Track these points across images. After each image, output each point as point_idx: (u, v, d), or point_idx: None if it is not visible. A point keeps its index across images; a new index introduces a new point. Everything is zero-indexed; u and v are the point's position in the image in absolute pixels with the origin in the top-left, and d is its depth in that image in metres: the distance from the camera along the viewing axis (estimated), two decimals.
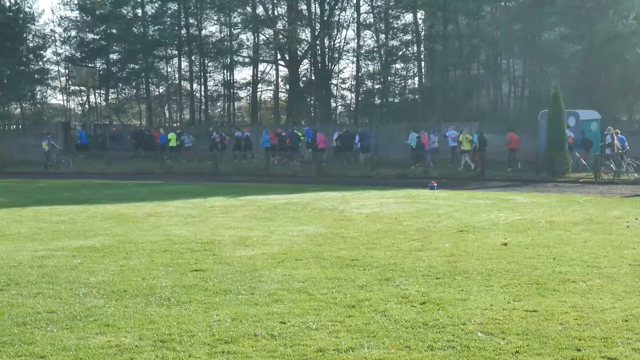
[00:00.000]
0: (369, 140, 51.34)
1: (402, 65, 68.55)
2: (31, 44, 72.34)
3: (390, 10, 66.41)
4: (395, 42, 67.01)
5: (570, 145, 41.65)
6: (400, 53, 66.97)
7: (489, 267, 12.88)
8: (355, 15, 67.89)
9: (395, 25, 66.72)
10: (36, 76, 72.30)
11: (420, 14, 67.03)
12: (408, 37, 66.90)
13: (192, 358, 8.18)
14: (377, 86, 68.57)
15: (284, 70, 71.81)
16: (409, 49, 67.24)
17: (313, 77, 70.41)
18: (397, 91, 68.78)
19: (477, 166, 44.13)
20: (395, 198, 27.36)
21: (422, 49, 67.07)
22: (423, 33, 67.36)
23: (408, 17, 66.97)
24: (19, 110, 75.78)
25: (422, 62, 67.81)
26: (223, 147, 58.20)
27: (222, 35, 72.66)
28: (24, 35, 70.87)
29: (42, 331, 9.17)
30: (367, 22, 68.72)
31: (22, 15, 69.42)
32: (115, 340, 8.76)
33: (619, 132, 37.97)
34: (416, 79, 69.27)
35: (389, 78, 67.62)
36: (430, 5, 62.64)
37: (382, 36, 67.46)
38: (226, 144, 58.64)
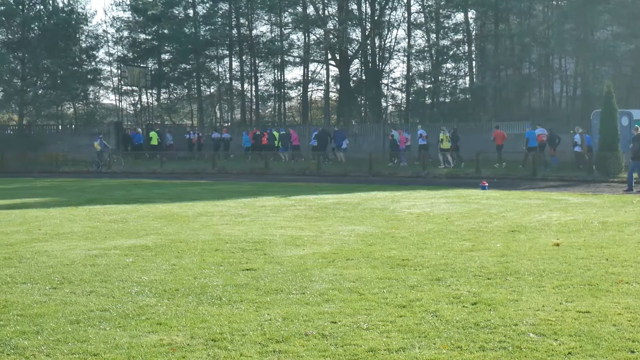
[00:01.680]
0: (343, 139, 52.78)
1: (453, 64, 68.28)
2: (84, 45, 73.04)
3: (441, 10, 66.19)
4: (446, 42, 66.78)
5: (543, 144, 44.21)
6: (451, 52, 66.72)
7: (541, 268, 12.78)
8: (406, 15, 67.80)
9: (446, 25, 66.48)
10: (89, 76, 72.94)
11: (471, 13, 66.77)
12: (459, 36, 66.66)
13: (243, 357, 8.19)
14: (427, 86, 68.37)
15: (334, 70, 71.94)
16: (460, 48, 66.99)
17: (363, 77, 70.37)
18: (447, 91, 68.51)
19: (455, 163, 46.85)
20: (446, 198, 27.25)
21: (473, 48, 66.76)
22: (474, 32, 67.05)
23: (459, 17, 66.76)
24: (72, 110, 76.55)
25: (473, 62, 67.52)
26: (199, 147, 59.68)
27: (273, 35, 72.87)
28: (77, 36, 71.53)
29: (95, 329, 9.24)
30: (418, 21, 68.59)
31: (75, 16, 70.03)
32: (167, 339, 8.79)
33: None
34: (467, 78, 69.04)
35: (439, 78, 67.40)
36: (481, 4, 62.28)
37: (433, 35, 67.24)
38: (202, 143, 60.42)
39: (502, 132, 48.33)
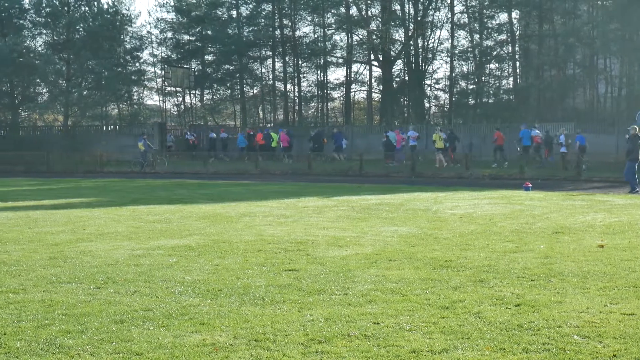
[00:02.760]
0: (342, 140, 55.14)
1: (497, 65, 68.09)
2: (128, 46, 73.54)
3: (484, 10, 66.00)
4: (489, 42, 66.59)
5: (539, 145, 46.48)
6: (494, 53, 66.51)
7: (585, 270, 12.69)
8: (449, 15, 67.59)
9: (490, 25, 66.29)
10: (133, 77, 73.41)
11: (515, 14, 66.43)
12: (503, 36, 66.42)
13: (285, 357, 8.20)
14: (471, 86, 68.19)
15: (377, 71, 71.86)
16: (504, 48, 66.75)
17: (406, 78, 70.28)
18: (491, 91, 68.29)
19: (449, 163, 48.44)
20: (489, 199, 27.13)
21: (517, 48, 66.47)
22: (518, 33, 66.76)
23: (503, 17, 66.55)
24: (116, 111, 77.05)
25: (517, 62, 67.21)
26: (194, 148, 60.46)
27: (316, 36, 72.98)
28: (122, 37, 72.04)
29: (138, 329, 9.29)
30: (462, 22, 68.36)
31: (119, 17, 70.53)
32: (210, 339, 8.83)
33: None
34: (511, 79, 68.79)
35: (482, 78, 67.20)
36: (525, 4, 61.98)
37: (477, 36, 67.07)
38: (197, 143, 61.31)
39: (502, 133, 49.87)
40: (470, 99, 68.55)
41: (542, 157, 46.82)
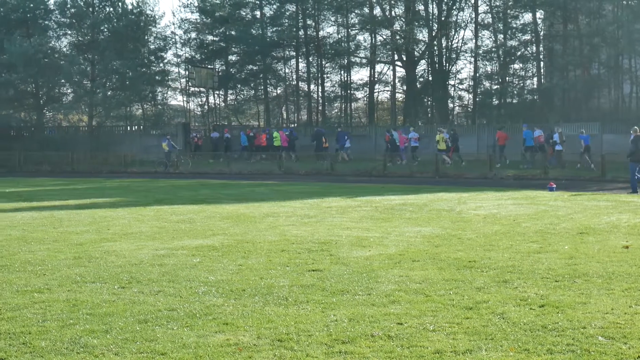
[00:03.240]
0: (345, 139, 56.13)
1: (521, 65, 67.82)
2: (152, 46, 73.68)
3: (509, 10, 65.75)
4: (513, 42, 66.34)
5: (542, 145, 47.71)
6: (518, 53, 66.27)
7: (610, 270, 12.63)
8: (473, 15, 67.40)
9: (514, 25, 66.03)
10: (157, 77, 73.55)
11: (539, 14, 66.12)
12: (527, 36, 66.14)
13: (309, 358, 8.21)
14: (495, 87, 67.96)
15: (401, 71, 71.76)
16: (528, 48, 66.49)
17: (430, 78, 70.13)
18: (515, 92, 68.04)
19: (451, 162, 49.44)
20: (513, 199, 27.05)
21: (541, 48, 66.22)
22: (542, 33, 66.48)
23: (527, 17, 66.27)
24: (140, 111, 77.27)
25: (541, 62, 66.96)
26: (197, 148, 60.96)
27: (340, 36, 72.95)
28: (146, 38, 72.19)
29: (162, 328, 9.32)
30: (485, 22, 68.12)
31: (143, 18, 70.68)
32: (234, 339, 8.84)
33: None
34: (535, 79, 68.51)
35: (507, 78, 66.98)
36: (549, 4, 61.68)
37: (501, 36, 66.84)
38: (200, 144, 61.70)
39: (505, 133, 51.13)
40: (494, 99, 68.31)
41: (546, 157, 47.23)
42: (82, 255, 14.80)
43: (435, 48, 68.25)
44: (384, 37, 71.00)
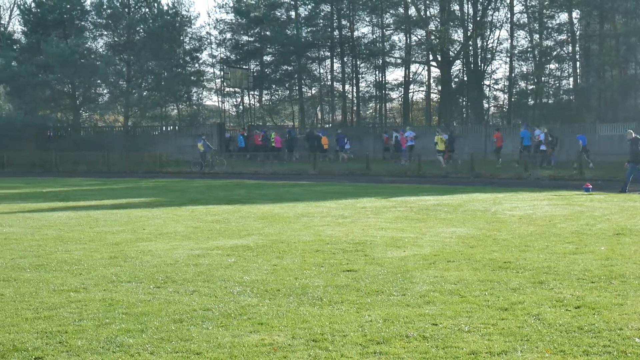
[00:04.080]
0: (344, 141, 58.20)
1: (557, 65, 67.43)
2: (188, 47, 73.88)
3: (544, 10, 65.34)
4: (549, 42, 65.91)
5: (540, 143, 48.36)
6: (554, 53, 65.83)
7: None
8: (509, 15, 67.09)
9: (550, 25, 65.59)
10: (192, 78, 73.75)
11: (575, 13, 65.69)
12: (563, 36, 65.70)
13: (344, 358, 8.21)
14: (530, 87, 67.62)
15: (436, 71, 71.56)
16: (564, 48, 66.07)
17: (465, 78, 69.88)
18: (551, 92, 67.67)
19: (447, 164, 49.42)
20: (549, 200, 26.92)
21: (577, 48, 65.80)
22: (578, 32, 66.05)
23: (563, 17, 65.81)
24: (175, 111, 77.53)
25: (577, 62, 66.53)
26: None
27: (375, 37, 72.87)
28: (181, 38, 72.40)
29: (197, 328, 9.36)
30: (521, 22, 67.78)
31: (179, 18, 70.92)
32: (269, 339, 8.86)
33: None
34: (571, 79, 68.11)
35: (542, 79, 66.63)
36: (586, 4, 61.23)
37: (536, 36, 66.46)
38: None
39: (501, 134, 52.34)
40: (529, 100, 67.98)
41: (546, 156, 48.39)
42: (118, 255, 14.88)
43: (471, 48, 67.98)
44: (419, 37, 70.87)
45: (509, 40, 67.27)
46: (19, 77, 65.17)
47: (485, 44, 69.19)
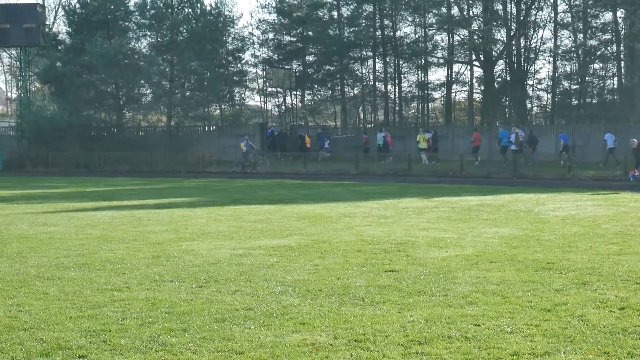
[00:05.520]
0: (324, 140, 60.28)
1: (601, 65, 66.91)
2: (230, 47, 74.03)
3: (588, 9, 64.87)
4: (593, 42, 65.44)
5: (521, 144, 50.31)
6: (598, 52, 65.36)
7: None
8: (552, 15, 66.67)
9: (594, 24, 65.12)
10: (235, 78, 73.89)
11: (620, 12, 65.13)
12: (607, 36, 65.22)
13: (386, 358, 8.20)
14: (574, 87, 67.17)
15: (478, 71, 71.26)
16: (608, 48, 65.57)
17: (508, 78, 69.52)
18: (595, 92, 67.16)
19: (431, 161, 52.05)
20: (593, 200, 26.74)
21: (621, 48, 65.26)
22: (623, 32, 65.50)
23: (607, 16, 65.29)
24: (218, 111, 77.72)
25: (622, 62, 65.99)
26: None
27: (417, 36, 72.67)
28: (224, 39, 72.57)
29: (240, 328, 9.38)
30: (565, 21, 67.34)
31: (222, 19, 71.09)
32: (311, 339, 8.87)
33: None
34: (615, 79, 67.52)
35: (586, 78, 66.15)
36: (630, 3, 60.71)
37: (580, 35, 66.01)
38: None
39: (479, 134, 55.53)
40: (573, 100, 67.54)
41: (526, 156, 50.57)
42: (161, 255, 14.96)
43: (514, 48, 67.64)
44: (462, 37, 70.65)
45: (553, 40, 66.91)
46: (63, 77, 65.69)
47: (528, 43, 68.84)
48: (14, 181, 43.74)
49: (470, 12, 70.00)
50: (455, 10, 69.60)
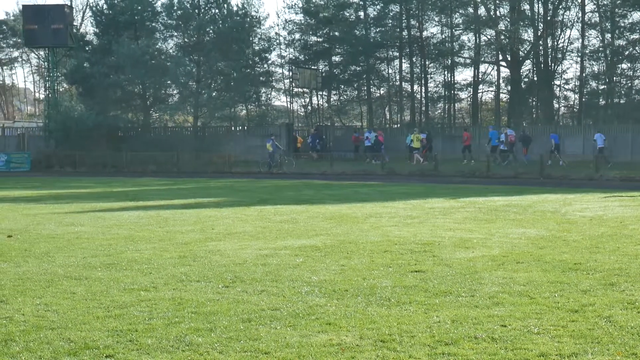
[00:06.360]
0: (316, 141, 62.00)
1: (629, 65, 66.54)
2: (257, 47, 74.14)
3: (616, 9, 64.55)
4: (621, 42, 65.12)
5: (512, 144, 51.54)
6: (626, 52, 65.02)
7: None
8: (580, 15, 66.35)
9: (622, 24, 64.80)
10: (261, 78, 74.05)
11: None
12: (635, 35, 64.85)
13: (412, 359, 8.18)
14: (602, 87, 66.85)
15: (505, 71, 71.01)
16: (637, 48, 65.19)
17: (535, 78, 69.28)
18: (623, 92, 66.83)
19: (424, 161, 52.97)
20: (621, 201, 26.61)
21: None
22: None
23: (635, 16, 64.97)
24: (244, 111, 77.87)
25: None
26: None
27: (444, 37, 72.55)
28: (250, 39, 72.68)
29: (266, 328, 9.39)
30: (592, 21, 67.01)
31: (248, 19, 71.20)
32: (337, 339, 8.86)
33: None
34: None
35: (614, 78, 65.81)
36: None
37: (608, 35, 65.69)
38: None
39: (470, 133, 56.34)
40: (601, 100, 67.23)
41: (516, 156, 51.38)
42: (187, 255, 15.00)
43: (541, 48, 67.37)
44: (489, 37, 70.45)
45: (580, 40, 66.58)
46: (91, 78, 66.01)
47: (555, 43, 68.55)
48: (41, 181, 44.01)
49: (497, 12, 69.82)
50: (482, 11, 69.44)
